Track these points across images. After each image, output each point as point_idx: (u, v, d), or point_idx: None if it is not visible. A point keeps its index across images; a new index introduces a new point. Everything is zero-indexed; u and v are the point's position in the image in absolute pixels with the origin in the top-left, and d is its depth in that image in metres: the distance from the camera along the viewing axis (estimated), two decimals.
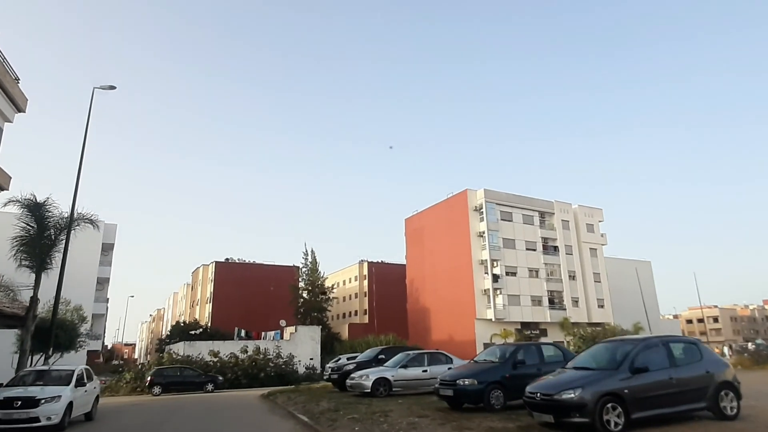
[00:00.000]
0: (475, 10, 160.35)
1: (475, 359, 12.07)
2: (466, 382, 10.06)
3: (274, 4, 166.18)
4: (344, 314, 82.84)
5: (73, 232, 16.88)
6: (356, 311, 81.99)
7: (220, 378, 28.59)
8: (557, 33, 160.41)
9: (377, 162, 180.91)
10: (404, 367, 14.80)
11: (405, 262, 70.41)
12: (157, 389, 24.74)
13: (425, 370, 14.90)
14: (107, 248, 45.72)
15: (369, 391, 14.15)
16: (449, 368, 15.27)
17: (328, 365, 21.82)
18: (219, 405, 17.62)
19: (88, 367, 12.94)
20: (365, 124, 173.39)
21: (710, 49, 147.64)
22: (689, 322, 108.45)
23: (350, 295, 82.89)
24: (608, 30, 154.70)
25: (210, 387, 26.51)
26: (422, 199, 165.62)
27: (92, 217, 17.66)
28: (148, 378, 25.68)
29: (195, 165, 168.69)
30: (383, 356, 17.83)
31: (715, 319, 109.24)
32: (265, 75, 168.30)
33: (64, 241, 16.64)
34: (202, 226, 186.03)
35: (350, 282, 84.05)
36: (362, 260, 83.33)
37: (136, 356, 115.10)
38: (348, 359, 21.09)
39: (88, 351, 41.18)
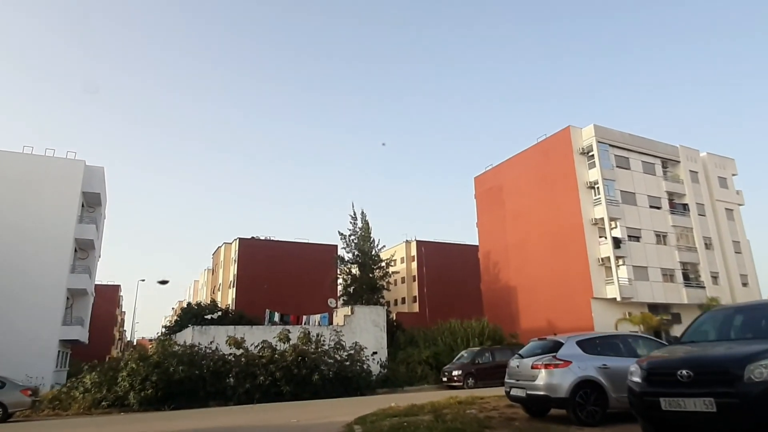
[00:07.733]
0: None
1: None
2: None
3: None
4: (388, 302, 71.21)
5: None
6: (403, 298, 70.95)
7: None
8: None
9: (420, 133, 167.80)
10: None
11: (460, 242, 61.34)
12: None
13: None
14: (92, 200, 32.78)
15: None
16: None
17: (529, 359, 8.97)
18: None
19: None
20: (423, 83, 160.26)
21: None
22: None
23: (395, 281, 71.17)
24: None
25: None
26: (476, 166, 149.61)
27: None
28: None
29: (209, 154, 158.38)
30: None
31: None
32: (278, 62, 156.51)
33: None
34: (226, 214, 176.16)
35: (395, 265, 72.40)
36: (408, 239, 71.82)
37: None
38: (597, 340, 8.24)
39: (61, 340, 29.28)
